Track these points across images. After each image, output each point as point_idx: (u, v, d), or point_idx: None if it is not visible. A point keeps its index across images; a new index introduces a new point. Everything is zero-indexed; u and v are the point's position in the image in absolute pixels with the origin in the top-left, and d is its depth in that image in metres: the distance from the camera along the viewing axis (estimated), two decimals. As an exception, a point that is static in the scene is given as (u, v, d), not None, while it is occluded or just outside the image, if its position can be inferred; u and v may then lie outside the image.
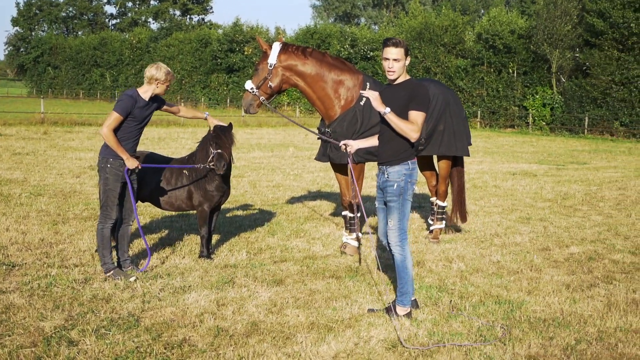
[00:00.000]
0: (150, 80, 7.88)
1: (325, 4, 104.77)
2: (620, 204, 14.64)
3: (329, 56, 9.64)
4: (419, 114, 6.48)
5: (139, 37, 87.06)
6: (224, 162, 8.60)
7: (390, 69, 6.62)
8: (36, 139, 26.52)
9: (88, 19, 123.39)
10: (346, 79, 9.45)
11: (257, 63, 9.40)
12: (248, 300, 7.23)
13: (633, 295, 7.71)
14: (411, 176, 6.68)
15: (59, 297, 7.12)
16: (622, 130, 43.03)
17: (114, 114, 7.61)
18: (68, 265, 8.36)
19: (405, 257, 6.72)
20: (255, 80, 9.29)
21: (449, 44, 54.51)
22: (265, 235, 10.57)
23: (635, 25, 42.00)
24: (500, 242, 10.50)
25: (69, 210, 11.97)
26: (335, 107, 9.42)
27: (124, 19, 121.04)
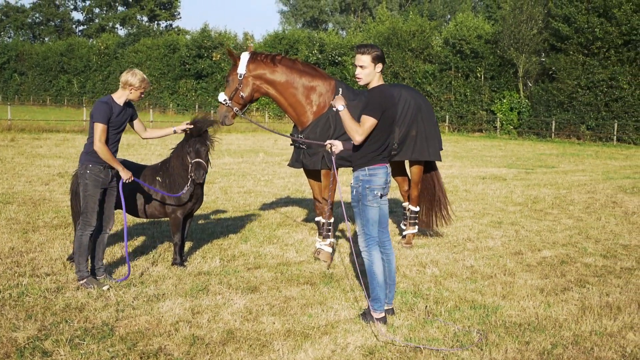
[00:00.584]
0: (125, 85, 7.81)
1: (292, 10, 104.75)
2: (590, 207, 14.75)
3: (300, 62, 9.61)
4: (366, 118, 6.47)
5: (106, 43, 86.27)
6: (203, 171, 8.54)
7: (357, 75, 6.69)
8: (3, 146, 26.14)
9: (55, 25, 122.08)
10: (318, 85, 9.43)
11: (227, 74, 9.36)
12: (223, 307, 7.15)
13: (607, 299, 7.75)
14: (370, 182, 6.63)
15: (31, 307, 6.99)
16: (588, 133, 43.50)
17: (99, 126, 7.54)
18: (39, 274, 8.21)
19: (372, 262, 6.71)
20: (228, 91, 9.27)
21: (416, 49, 54.75)
22: (238, 241, 10.48)
23: (599, 30, 42.50)
24: (473, 247, 10.51)
25: (39, 219, 11.79)
26: (307, 113, 9.39)
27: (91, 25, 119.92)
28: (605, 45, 42.86)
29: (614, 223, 12.78)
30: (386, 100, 6.53)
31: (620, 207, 14.83)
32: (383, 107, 6.49)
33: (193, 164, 8.52)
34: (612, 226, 12.45)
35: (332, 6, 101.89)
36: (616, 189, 17.86)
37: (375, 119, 6.47)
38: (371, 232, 6.73)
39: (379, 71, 6.65)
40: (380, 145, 6.61)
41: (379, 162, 6.66)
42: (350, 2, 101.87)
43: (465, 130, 50.74)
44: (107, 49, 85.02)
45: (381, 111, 6.49)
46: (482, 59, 50.44)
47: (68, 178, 16.14)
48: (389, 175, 6.78)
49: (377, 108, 6.47)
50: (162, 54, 75.08)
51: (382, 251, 6.86)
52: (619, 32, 42.11)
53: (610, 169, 24.32)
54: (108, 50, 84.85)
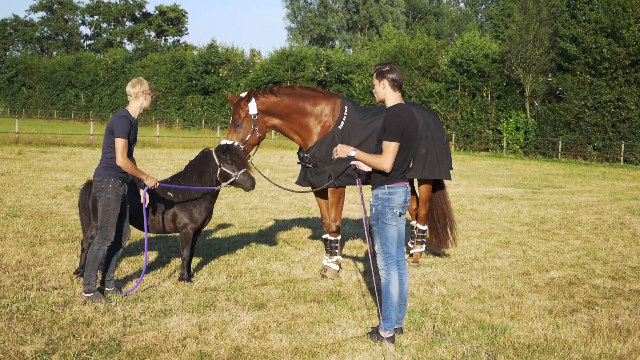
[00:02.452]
0: (138, 95, 7.91)
1: (300, 27, 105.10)
2: (598, 228, 14.71)
3: (297, 88, 9.59)
4: (387, 144, 6.51)
5: (114, 58, 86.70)
6: (252, 180, 8.72)
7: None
8: (10, 159, 26.21)
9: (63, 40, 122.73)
10: (322, 106, 9.40)
11: (235, 118, 9.12)
12: (230, 324, 7.14)
13: (616, 321, 7.71)
14: (389, 200, 6.63)
15: (38, 321, 6.99)
16: (595, 154, 43.42)
17: (121, 141, 7.63)
18: (47, 287, 8.23)
19: (389, 281, 6.68)
20: (239, 135, 9.07)
21: (423, 68, 54.84)
22: (245, 258, 10.48)
23: (607, 50, 42.51)
24: (480, 266, 10.48)
25: (46, 232, 11.81)
26: (312, 136, 9.36)
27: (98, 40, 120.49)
28: (613, 66, 42.83)
29: (622, 245, 12.73)
30: (402, 121, 6.55)
31: (628, 228, 14.78)
32: (401, 127, 6.52)
33: (243, 174, 8.70)
34: (620, 248, 12.41)
35: (339, 24, 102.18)
36: (624, 210, 17.81)
37: (397, 142, 6.50)
38: (390, 251, 6.73)
39: (389, 88, 6.66)
40: (400, 163, 6.62)
41: (398, 181, 6.68)
42: (357, 20, 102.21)
43: (471, 149, 50.72)
44: (115, 63, 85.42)
45: (400, 132, 6.51)
46: (488, 78, 50.47)
47: (75, 192, 16.16)
48: (408, 193, 6.80)
49: (396, 130, 6.50)
50: (169, 69, 75.33)
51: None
52: (626, 53, 42.11)
53: (618, 190, 24.25)
54: (115, 64, 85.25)
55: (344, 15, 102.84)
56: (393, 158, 6.49)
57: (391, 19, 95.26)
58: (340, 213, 9.63)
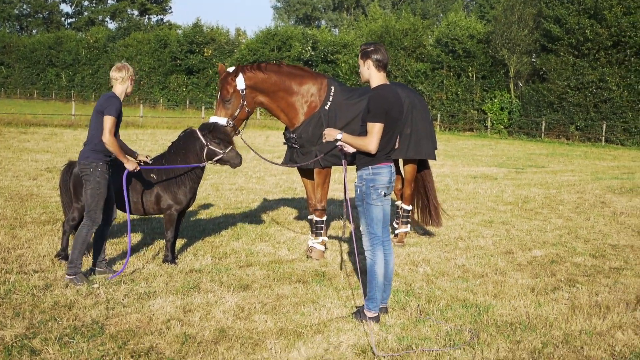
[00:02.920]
0: (124, 79, 7.93)
1: (286, 6, 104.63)
2: (579, 207, 14.85)
3: (285, 65, 9.56)
4: (372, 125, 6.51)
5: (96, 37, 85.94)
6: (240, 156, 8.83)
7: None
8: (-10, 140, 26.05)
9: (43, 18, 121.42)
10: (308, 85, 9.40)
11: (223, 94, 9.07)
12: (215, 305, 7.16)
13: (596, 298, 7.82)
14: (374, 181, 6.64)
15: (18, 305, 6.93)
16: (577, 134, 43.70)
17: (111, 118, 7.66)
18: (27, 271, 8.15)
19: (375, 262, 6.72)
20: (229, 111, 9.03)
21: (409, 48, 54.83)
22: (230, 239, 10.51)
23: (590, 31, 42.67)
24: (465, 246, 10.57)
25: (27, 214, 11.74)
26: (299, 115, 9.37)
27: (80, 18, 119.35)
28: (595, 47, 43.04)
29: (602, 223, 12.88)
30: (387, 102, 6.55)
31: (609, 207, 14.94)
32: (385, 108, 6.51)
33: (230, 151, 8.76)
34: (601, 226, 12.55)
35: (325, 3, 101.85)
36: (605, 189, 17.98)
37: (381, 123, 6.50)
38: (376, 232, 6.75)
39: (373, 69, 6.68)
40: (385, 144, 6.62)
41: (383, 161, 6.68)
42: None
43: (456, 129, 50.88)
44: (97, 42, 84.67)
45: (384, 113, 6.50)
46: (473, 58, 50.56)
47: (56, 173, 16.03)
48: (393, 174, 6.81)
49: (380, 111, 6.49)
50: (153, 48, 74.85)
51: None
52: (608, 34, 42.31)
53: (599, 170, 24.47)
54: (97, 44, 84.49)
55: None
56: (378, 139, 6.50)
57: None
58: (326, 194, 9.67)
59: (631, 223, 12.95)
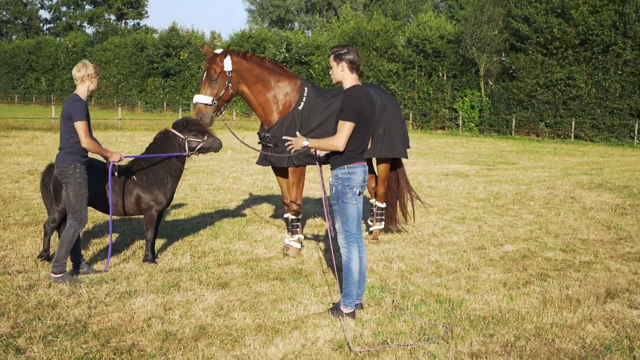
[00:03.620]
0: (84, 78, 7.78)
1: (259, 9, 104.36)
2: (549, 202, 14.92)
3: (267, 61, 9.53)
4: (342, 123, 6.49)
5: (74, 42, 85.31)
6: (218, 139, 8.92)
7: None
8: (-29, 144, 25.77)
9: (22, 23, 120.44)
10: (284, 84, 9.39)
11: (210, 73, 8.91)
12: (194, 303, 7.13)
13: (566, 292, 7.85)
14: (349, 180, 6.63)
15: (3, 305, 6.91)
16: (547, 131, 43.96)
17: (82, 123, 7.59)
18: (11, 272, 8.11)
19: (350, 259, 6.71)
20: (214, 90, 8.91)
21: (380, 48, 54.90)
22: (208, 238, 10.45)
23: (557, 30, 42.92)
24: (438, 242, 10.59)
25: (9, 216, 11.64)
26: (274, 112, 9.35)
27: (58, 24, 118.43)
28: (563, 45, 43.29)
29: (572, 218, 12.95)
30: (360, 102, 6.53)
31: (579, 202, 15.02)
32: (358, 108, 6.50)
33: (209, 140, 8.85)
34: (571, 221, 12.61)
35: (298, 6, 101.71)
36: (574, 185, 18.09)
37: (352, 122, 6.48)
38: (351, 230, 6.74)
39: (347, 70, 6.66)
40: (359, 144, 6.63)
41: (357, 161, 6.69)
42: (315, 2, 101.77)
43: (428, 128, 51.02)
44: (75, 47, 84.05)
45: (357, 113, 6.49)
46: (444, 58, 50.71)
47: (38, 175, 15.88)
48: (366, 173, 6.81)
49: (352, 111, 6.47)
50: (130, 52, 74.40)
51: None
52: (576, 32, 42.58)
53: (568, 166, 24.63)
54: (76, 48, 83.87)
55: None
56: (347, 137, 6.49)
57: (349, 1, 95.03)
58: (301, 192, 9.65)
59: (600, 218, 13.02)
